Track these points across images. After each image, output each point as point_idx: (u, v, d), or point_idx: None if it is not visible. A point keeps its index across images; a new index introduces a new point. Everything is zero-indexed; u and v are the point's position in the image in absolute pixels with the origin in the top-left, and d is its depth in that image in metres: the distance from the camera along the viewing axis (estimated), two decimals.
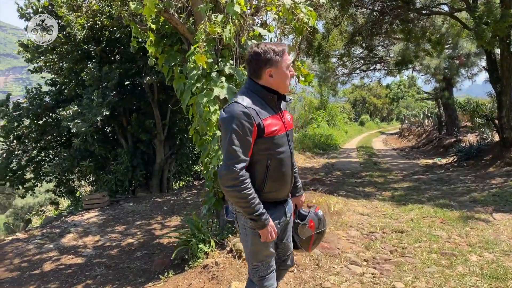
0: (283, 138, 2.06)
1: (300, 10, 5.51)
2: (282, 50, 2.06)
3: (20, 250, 6.35)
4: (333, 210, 5.42)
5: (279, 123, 2.06)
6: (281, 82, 2.08)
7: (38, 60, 9.85)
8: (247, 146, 1.92)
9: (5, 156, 9.70)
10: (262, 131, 1.95)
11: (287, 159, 2.09)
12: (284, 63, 2.07)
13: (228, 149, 1.90)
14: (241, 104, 1.93)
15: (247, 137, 1.90)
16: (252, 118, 1.91)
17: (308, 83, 6.02)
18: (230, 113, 1.92)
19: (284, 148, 2.06)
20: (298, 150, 14.85)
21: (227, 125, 1.91)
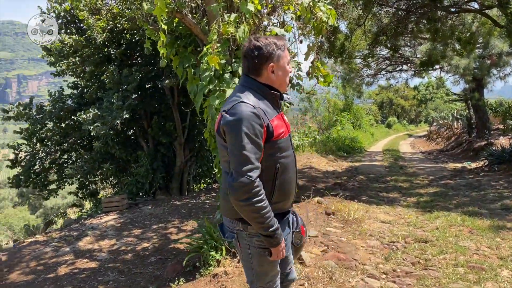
0: (287, 141, 1.89)
1: (319, 9, 5.30)
2: (283, 44, 1.90)
3: (37, 253, 6.36)
4: (352, 217, 5.17)
5: (283, 124, 1.88)
6: (283, 79, 1.91)
7: (61, 63, 9.97)
8: (259, 151, 1.73)
9: (28, 159, 9.85)
10: (271, 134, 1.77)
11: (292, 164, 1.92)
12: (286, 58, 1.90)
13: (241, 155, 1.68)
14: (249, 103, 1.74)
15: (259, 140, 1.71)
16: (261, 118, 1.73)
17: (327, 84, 5.81)
18: (239, 115, 1.71)
19: (289, 152, 1.89)
20: (320, 152, 14.56)
21: (237, 128, 1.70)
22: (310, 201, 5.88)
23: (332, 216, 5.18)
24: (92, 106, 8.67)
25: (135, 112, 10.00)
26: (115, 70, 8.71)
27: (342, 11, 8.89)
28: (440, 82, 26.36)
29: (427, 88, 49.05)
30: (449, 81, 27.76)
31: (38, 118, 9.67)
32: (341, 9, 8.51)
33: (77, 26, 9.63)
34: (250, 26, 4.68)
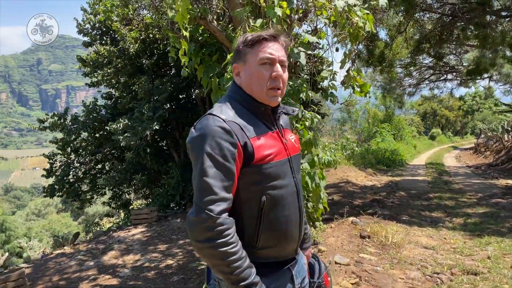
0: (283, 166, 1.44)
1: (355, 14, 4.90)
2: (256, 38, 1.46)
3: (62, 266, 6.25)
4: (390, 241, 4.67)
5: (277, 144, 1.45)
6: (252, 85, 1.45)
7: (96, 74, 10.05)
8: (229, 178, 1.31)
9: (62, 169, 9.93)
10: (250, 156, 1.35)
11: (291, 197, 1.46)
12: (256, 55, 1.44)
13: (200, 183, 1.29)
14: (218, 116, 1.34)
15: (228, 163, 1.30)
16: (234, 136, 1.32)
17: (364, 94, 5.40)
18: (202, 131, 1.33)
19: (285, 181, 1.43)
20: (358, 166, 13.93)
21: (197, 148, 1.32)
22: (343, 221, 5.41)
23: (368, 239, 4.70)
24: (123, 116, 8.61)
25: (167, 123, 9.89)
26: (146, 81, 8.63)
27: (381, 17, 8.41)
28: (488, 92, 24.89)
29: (473, 99, 46.83)
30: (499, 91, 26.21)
31: (72, 129, 9.74)
32: (380, 14, 8.03)
33: (112, 36, 9.68)
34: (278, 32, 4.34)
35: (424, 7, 10.28)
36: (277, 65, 1.46)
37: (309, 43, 5.54)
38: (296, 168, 1.53)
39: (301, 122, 4.55)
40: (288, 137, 1.57)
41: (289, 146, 1.52)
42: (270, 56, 1.44)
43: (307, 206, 4.80)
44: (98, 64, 9.69)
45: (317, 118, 4.67)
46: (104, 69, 9.81)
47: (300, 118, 4.50)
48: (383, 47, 10.96)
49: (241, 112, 1.43)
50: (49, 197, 9.89)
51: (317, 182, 4.56)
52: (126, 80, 9.76)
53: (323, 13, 4.96)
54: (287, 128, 1.63)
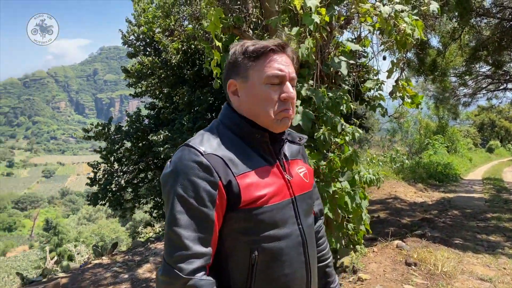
0: (283, 210, 1.14)
1: (402, 20, 4.52)
2: (258, 50, 1.16)
3: (97, 277, 6.23)
4: (440, 270, 4.18)
5: (276, 182, 1.15)
6: (255, 108, 1.16)
7: (140, 84, 10.18)
8: (206, 227, 1.05)
9: (106, 177, 10.10)
10: (235, 198, 1.07)
11: (294, 250, 1.15)
12: (261, 72, 1.15)
13: (169, 234, 1.05)
14: (195, 148, 1.08)
15: (205, 209, 1.04)
16: (214, 173, 1.06)
17: (415, 106, 4.99)
18: (174, 166, 1.08)
19: (286, 229, 1.13)
20: (408, 180, 13.19)
21: (168, 188, 1.08)
22: (388, 244, 4.97)
23: (414, 267, 4.25)
24: (164, 128, 8.61)
25: None
26: (187, 91, 8.59)
27: (432, 23, 7.87)
28: None
29: None
30: None
31: (116, 138, 9.89)
32: (431, 20, 7.51)
33: (155, 47, 9.77)
34: (316, 41, 4.06)
35: (481, 12, 9.57)
36: (288, 84, 1.18)
37: (352, 51, 5.21)
38: (303, 212, 1.21)
39: (341, 137, 4.22)
40: (296, 171, 1.26)
41: (294, 183, 1.21)
42: (280, 73, 1.16)
43: (347, 227, 4.44)
44: (142, 75, 9.81)
45: (359, 132, 4.31)
46: (148, 80, 9.93)
47: (340, 132, 4.18)
48: (435, 55, 10.32)
49: (230, 141, 1.15)
50: (93, 205, 10.07)
51: (358, 202, 4.20)
52: (169, 91, 9.81)
53: (367, 20, 4.64)
54: (297, 159, 1.32)
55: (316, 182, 4.07)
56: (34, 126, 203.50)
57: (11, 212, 75.26)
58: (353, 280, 3.84)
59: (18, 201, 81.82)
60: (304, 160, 1.39)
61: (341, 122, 4.15)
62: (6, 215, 72.44)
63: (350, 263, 4.15)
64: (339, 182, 4.12)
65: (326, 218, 4.19)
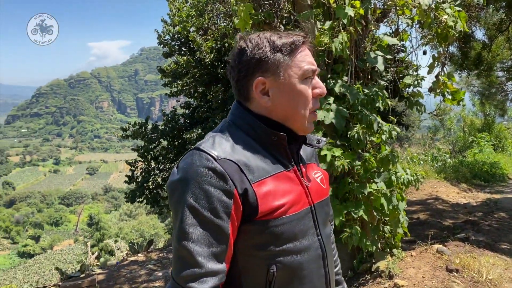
0: (303, 220, 1.04)
1: (443, 12, 4.27)
2: (291, 43, 1.04)
3: (132, 274, 6.34)
4: (485, 278, 3.91)
5: (295, 189, 1.05)
6: (293, 107, 1.05)
7: (175, 84, 10.28)
8: (220, 241, 0.94)
9: (143, 175, 10.28)
10: (252, 208, 0.96)
11: (314, 264, 1.05)
12: (297, 67, 1.04)
13: (178, 250, 0.93)
14: (207, 152, 0.96)
15: (219, 220, 0.93)
16: (229, 180, 0.95)
17: (457, 102, 4.72)
18: (183, 173, 0.96)
19: (306, 241, 1.03)
20: (451, 180, 12.61)
21: (177, 197, 0.96)
22: (427, 248, 4.72)
23: (456, 273, 4.00)
24: (198, 126, 8.64)
25: None
26: (220, 90, 8.58)
27: (476, 14, 7.43)
28: None
29: None
30: None
31: (153, 137, 10.04)
32: (476, 12, 7.09)
33: (189, 47, 9.82)
34: (350, 35, 3.89)
35: None
36: (317, 78, 1.08)
37: (389, 46, 4.98)
38: (322, 220, 1.10)
39: (377, 136, 4.02)
40: (312, 176, 1.15)
41: (312, 190, 1.10)
42: (313, 67, 1.06)
43: (383, 230, 4.24)
44: (177, 74, 9.90)
45: (396, 130, 4.10)
46: (183, 79, 10.00)
47: (376, 130, 3.98)
48: (480, 48, 9.77)
49: (244, 144, 1.03)
50: (130, 202, 10.28)
51: (395, 204, 3.99)
52: (203, 90, 9.84)
53: (405, 13, 4.42)
54: (311, 163, 1.21)
55: (351, 183, 3.91)
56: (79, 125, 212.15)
57: (58, 208, 78.91)
58: (389, 286, 3.65)
59: (64, 197, 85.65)
60: (318, 164, 1.28)
61: (377, 120, 3.96)
62: (53, 210, 76.01)
63: (386, 267, 3.96)
64: (374, 183, 3.94)
65: (361, 220, 4.02)
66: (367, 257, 4.23)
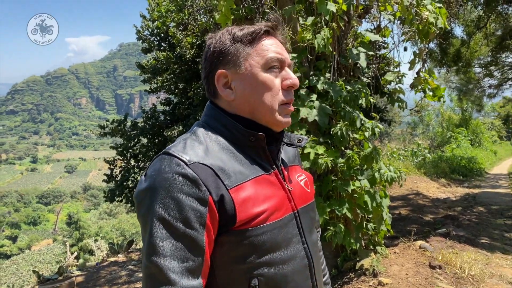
0: (285, 228, 0.96)
1: (425, 8, 4.27)
2: (252, 32, 0.98)
3: (112, 275, 6.19)
4: (467, 273, 3.93)
5: (276, 193, 0.97)
6: (256, 100, 0.98)
7: (155, 80, 10.08)
8: (195, 254, 0.85)
9: (122, 174, 10.07)
10: (229, 217, 0.88)
11: (300, 275, 0.97)
12: (260, 56, 0.98)
13: (148, 266, 0.84)
14: (177, 157, 0.88)
15: (192, 232, 0.85)
16: (202, 187, 0.86)
17: (438, 99, 4.75)
18: (151, 180, 0.88)
19: (290, 250, 0.95)
20: (430, 175, 12.79)
21: (146, 207, 0.87)
22: (410, 245, 4.73)
23: (439, 270, 4.01)
24: (179, 123, 8.50)
25: None
26: (201, 86, 8.44)
27: (456, 11, 7.50)
28: None
29: None
30: None
31: (132, 134, 9.84)
32: (455, 9, 7.14)
33: (169, 42, 9.64)
34: (333, 31, 3.84)
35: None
36: (288, 69, 1.01)
37: (371, 42, 4.96)
38: (307, 227, 1.02)
39: (360, 133, 3.99)
40: (295, 179, 1.07)
41: (295, 194, 1.03)
42: (280, 56, 0.99)
43: (367, 227, 4.22)
44: (157, 70, 9.71)
45: (379, 127, 4.07)
46: (163, 75, 9.82)
47: (359, 127, 3.95)
48: (459, 45, 9.90)
49: (218, 147, 0.96)
50: (109, 201, 10.06)
51: (379, 201, 3.97)
52: (184, 86, 9.68)
53: (387, 9, 4.41)
54: (294, 165, 1.13)
55: (334, 180, 3.87)
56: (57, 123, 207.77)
57: (36, 207, 77.16)
58: (373, 285, 3.63)
59: (42, 196, 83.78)
60: (301, 166, 1.20)
61: (360, 117, 3.93)
62: (31, 210, 74.31)
63: (370, 265, 3.94)
64: (358, 181, 3.91)
65: (344, 217, 3.99)
66: (351, 255, 4.20)
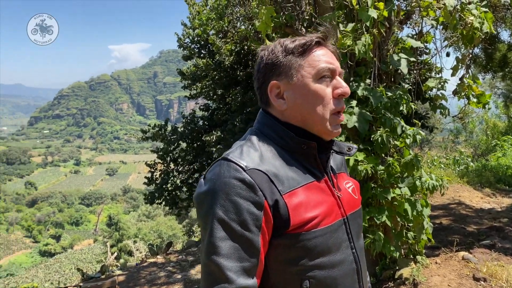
0: (336, 233, 1.00)
1: (469, 13, 4.18)
2: (303, 44, 1.02)
3: (152, 276, 6.36)
4: None
5: (326, 200, 1.01)
6: (308, 109, 1.02)
7: (195, 86, 10.33)
8: (251, 255, 0.91)
9: (162, 177, 10.35)
10: (283, 221, 0.93)
11: (348, 279, 1.01)
12: (311, 66, 1.02)
13: (207, 265, 0.90)
14: (235, 163, 0.94)
15: (249, 234, 0.90)
16: (259, 192, 0.91)
17: (482, 106, 4.62)
18: (211, 184, 0.94)
19: (339, 255, 0.99)
20: (474, 184, 12.32)
21: (205, 209, 0.93)
22: (452, 255, 4.60)
23: (483, 282, 3.87)
24: (217, 128, 8.66)
25: None
26: (240, 92, 8.58)
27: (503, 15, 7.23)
28: None
29: None
30: None
31: (172, 139, 10.10)
32: (502, 12, 6.89)
33: (209, 49, 9.86)
34: (374, 37, 3.83)
35: None
36: (339, 78, 1.04)
37: (413, 48, 4.89)
38: (355, 233, 1.06)
39: (401, 140, 3.94)
40: (344, 186, 1.11)
41: (344, 201, 1.06)
42: (331, 66, 1.02)
43: (407, 236, 4.15)
44: (196, 77, 9.95)
45: (421, 134, 4.00)
46: (202, 82, 10.05)
47: (400, 134, 3.90)
48: (506, 49, 9.51)
49: (272, 153, 1.00)
50: (149, 203, 10.36)
51: (419, 210, 3.90)
52: (222, 92, 9.87)
53: (429, 14, 4.33)
54: (342, 172, 1.16)
55: (374, 188, 3.84)
56: (99, 127, 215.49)
57: (78, 208, 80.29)
58: None
59: (84, 197, 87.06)
60: (347, 173, 1.23)
61: (401, 124, 3.88)
62: (74, 210, 77.38)
63: (410, 275, 3.86)
64: (398, 188, 3.85)
65: (383, 225, 3.94)
66: (390, 263, 4.14)
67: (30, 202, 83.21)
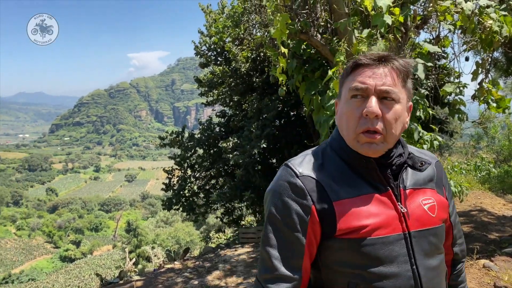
0: (391, 245, 1.00)
1: (488, 16, 4.13)
2: (351, 64, 1.05)
3: (169, 282, 6.40)
4: None
5: (385, 212, 1.02)
6: (341, 128, 1.08)
7: (211, 93, 10.42)
8: (296, 251, 1.02)
9: (180, 183, 10.43)
10: (331, 225, 1.00)
11: None
12: (346, 87, 1.05)
13: (261, 253, 1.06)
14: (292, 168, 1.05)
15: (294, 232, 1.01)
16: (307, 196, 1.01)
17: (502, 110, 4.54)
18: (272, 184, 1.09)
19: (394, 268, 0.99)
20: (496, 191, 12.05)
21: (266, 206, 1.09)
22: (473, 263, 4.51)
23: None
24: (233, 135, 8.71)
25: (277, 141, 9.76)
26: (256, 99, 8.62)
27: None
28: None
29: None
30: None
31: (189, 145, 10.19)
32: None
33: (225, 57, 9.96)
34: (389, 43, 3.81)
35: None
36: (372, 98, 0.99)
37: (430, 53, 4.84)
38: (422, 251, 1.03)
39: (418, 145, 3.90)
40: (419, 202, 1.07)
41: (412, 216, 1.04)
42: (361, 85, 1.00)
43: None
44: (213, 84, 10.04)
45: (438, 140, 3.96)
46: (219, 89, 10.14)
47: (417, 140, 3.86)
48: None
49: (335, 166, 1.06)
50: (167, 209, 10.46)
51: None
52: (239, 99, 9.93)
53: (447, 18, 4.29)
54: (424, 188, 1.11)
55: None
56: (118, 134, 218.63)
57: (98, 214, 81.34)
58: None
59: (103, 203, 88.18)
60: (439, 190, 1.15)
61: (418, 129, 3.84)
62: (93, 216, 78.44)
63: None
64: None
65: None
66: None
67: (51, 208, 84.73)
